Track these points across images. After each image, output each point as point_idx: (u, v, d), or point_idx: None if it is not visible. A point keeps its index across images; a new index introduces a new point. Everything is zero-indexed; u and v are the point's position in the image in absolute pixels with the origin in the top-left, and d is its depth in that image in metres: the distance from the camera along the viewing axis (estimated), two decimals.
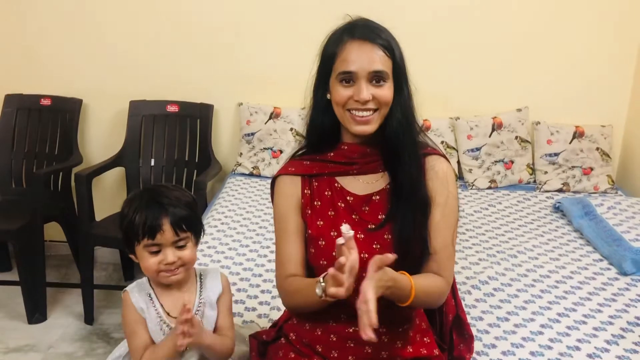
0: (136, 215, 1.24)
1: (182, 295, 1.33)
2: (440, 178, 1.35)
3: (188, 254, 1.29)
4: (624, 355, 1.61)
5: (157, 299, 1.32)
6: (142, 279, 1.37)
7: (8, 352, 2.46)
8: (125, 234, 1.28)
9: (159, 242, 1.24)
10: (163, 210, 1.24)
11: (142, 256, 1.27)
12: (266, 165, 2.98)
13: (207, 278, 1.38)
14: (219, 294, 1.37)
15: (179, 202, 1.27)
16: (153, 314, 1.31)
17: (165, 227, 1.23)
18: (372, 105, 1.28)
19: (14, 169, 3.00)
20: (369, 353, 1.36)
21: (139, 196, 1.28)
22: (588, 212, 2.47)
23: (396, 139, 1.31)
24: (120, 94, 3.02)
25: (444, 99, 2.93)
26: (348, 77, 1.27)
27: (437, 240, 1.35)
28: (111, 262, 3.20)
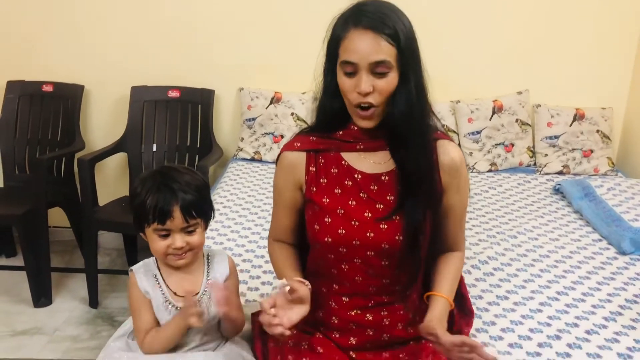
0: (148, 197, 1.24)
1: (189, 277, 1.34)
2: (456, 165, 1.36)
3: (197, 239, 1.29)
4: (621, 332, 1.63)
5: (162, 281, 1.33)
6: (149, 259, 1.38)
7: (15, 335, 2.50)
8: (135, 213, 1.28)
9: (168, 227, 1.25)
10: (174, 196, 1.24)
11: (152, 238, 1.28)
12: (267, 150, 2.99)
13: (214, 260, 1.39)
14: (226, 276, 1.38)
15: (189, 187, 1.27)
16: (158, 295, 1.32)
17: (175, 214, 1.24)
18: (372, 99, 1.25)
19: (17, 156, 3.02)
20: (371, 335, 1.38)
21: (152, 177, 1.28)
22: (588, 194, 2.48)
23: (398, 128, 1.28)
24: (121, 80, 3.03)
25: (444, 82, 2.92)
26: (350, 67, 1.25)
27: (454, 223, 1.42)
28: (114, 247, 3.23)
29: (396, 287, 1.37)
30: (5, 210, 2.68)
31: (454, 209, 1.40)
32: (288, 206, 1.43)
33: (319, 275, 1.42)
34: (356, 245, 1.33)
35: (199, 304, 1.26)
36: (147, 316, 1.33)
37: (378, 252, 1.33)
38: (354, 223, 1.32)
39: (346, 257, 1.34)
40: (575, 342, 1.58)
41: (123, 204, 2.80)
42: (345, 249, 1.34)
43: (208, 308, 1.32)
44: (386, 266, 1.34)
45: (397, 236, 1.31)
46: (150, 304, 1.32)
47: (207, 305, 1.32)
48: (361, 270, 1.35)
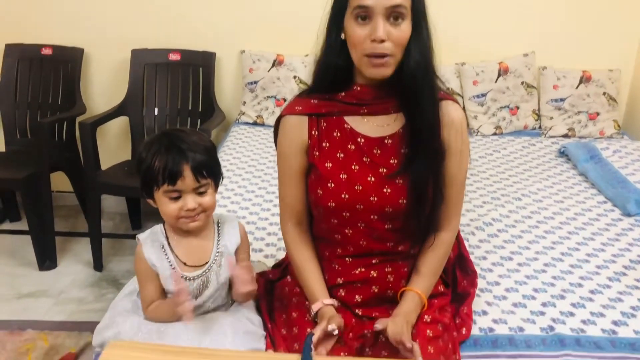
0: (155, 160, 1.21)
1: (199, 243, 1.32)
2: (456, 126, 1.32)
3: (208, 200, 1.26)
4: (625, 291, 1.64)
5: (170, 251, 1.30)
6: (156, 227, 1.33)
7: (21, 298, 2.52)
8: (143, 178, 1.25)
9: (179, 188, 1.22)
10: (183, 156, 1.21)
11: (162, 202, 1.24)
12: (270, 114, 2.96)
13: (224, 226, 1.36)
14: (237, 244, 1.35)
15: (198, 147, 1.24)
16: (166, 266, 1.29)
17: (186, 174, 1.21)
18: (388, 47, 1.21)
19: (18, 120, 3.00)
20: (376, 292, 1.38)
21: (158, 140, 1.24)
22: (593, 156, 2.46)
23: (414, 80, 1.24)
24: (121, 42, 2.98)
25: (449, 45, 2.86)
26: (364, 12, 1.20)
27: (451, 190, 1.35)
28: (118, 212, 3.23)
29: (399, 248, 1.37)
30: (7, 174, 2.68)
31: (452, 174, 1.34)
32: (296, 174, 1.38)
33: (322, 240, 1.42)
34: (360, 210, 1.31)
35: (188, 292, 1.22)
36: (151, 287, 1.31)
37: (382, 216, 1.32)
38: (358, 187, 1.31)
39: (350, 222, 1.34)
40: (579, 301, 1.59)
41: (125, 168, 2.79)
42: (348, 214, 1.33)
43: (217, 276, 1.31)
44: (390, 230, 1.33)
45: (400, 199, 1.30)
46: (156, 275, 1.30)
47: (216, 274, 1.31)
48: (365, 234, 1.34)
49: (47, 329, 2.30)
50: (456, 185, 1.36)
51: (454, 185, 1.36)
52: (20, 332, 2.27)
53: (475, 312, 1.52)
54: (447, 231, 1.39)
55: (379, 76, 1.25)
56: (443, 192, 1.35)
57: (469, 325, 1.45)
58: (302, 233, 1.42)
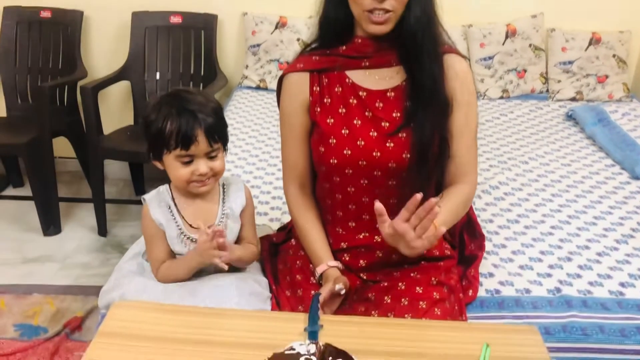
0: (167, 123, 1.18)
1: (205, 205, 1.30)
2: (461, 78, 1.30)
3: (219, 164, 1.24)
4: (632, 253, 1.63)
5: (177, 211, 1.29)
6: (161, 188, 1.32)
7: (26, 262, 2.53)
8: (153, 142, 1.22)
9: (192, 152, 1.20)
10: (196, 120, 1.18)
11: (173, 166, 1.22)
12: (273, 78, 2.92)
13: (230, 189, 1.34)
14: (243, 206, 1.33)
15: (208, 109, 1.21)
16: (173, 226, 1.28)
17: (200, 138, 1.18)
18: (389, 4, 1.19)
19: (19, 84, 2.96)
20: (380, 257, 1.37)
21: (167, 103, 1.21)
22: (602, 119, 2.43)
23: (414, 36, 1.23)
24: (121, 4, 2.92)
25: (456, 6, 2.81)
26: None
27: (460, 143, 1.32)
28: (121, 178, 3.22)
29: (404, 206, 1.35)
30: (9, 139, 2.66)
31: (460, 128, 1.31)
32: (299, 133, 1.36)
33: (325, 203, 1.40)
34: (362, 166, 1.30)
35: (216, 235, 1.20)
36: (161, 246, 1.30)
37: (385, 172, 1.30)
38: (360, 143, 1.29)
39: (352, 179, 1.32)
40: (587, 263, 1.58)
41: (128, 133, 2.77)
42: (351, 170, 1.31)
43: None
44: (393, 186, 1.31)
45: (404, 154, 1.28)
46: (164, 234, 1.29)
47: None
48: (368, 191, 1.32)
49: (53, 293, 2.31)
50: (466, 138, 1.33)
51: (464, 138, 1.33)
52: (27, 296, 2.28)
53: (482, 274, 1.51)
54: (467, 185, 1.35)
55: (379, 32, 1.24)
56: (450, 146, 1.32)
57: (476, 287, 1.45)
58: (305, 196, 1.41)
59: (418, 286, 1.31)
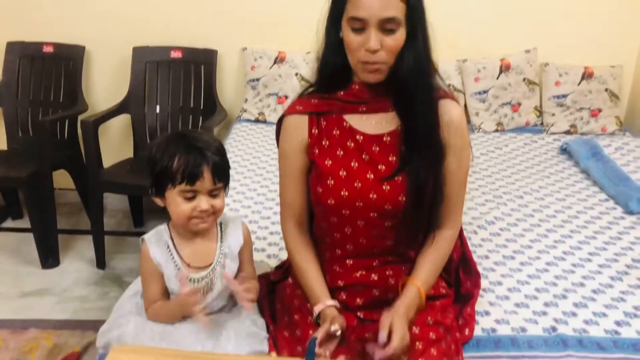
0: (174, 160, 1.21)
1: (203, 245, 1.32)
2: (455, 124, 1.33)
3: (220, 202, 1.27)
4: (627, 291, 1.64)
5: (175, 251, 1.30)
6: (160, 227, 1.34)
7: (24, 296, 2.52)
8: (156, 177, 1.24)
9: (196, 188, 1.22)
10: (204, 157, 1.22)
11: (175, 201, 1.24)
12: (272, 111, 2.96)
13: (228, 227, 1.36)
14: (241, 245, 1.35)
15: (213, 148, 1.25)
16: (171, 266, 1.30)
17: (205, 175, 1.22)
18: (381, 56, 1.23)
19: (20, 118, 3.00)
20: (377, 295, 1.38)
21: (174, 141, 1.25)
22: (595, 153, 2.46)
23: (407, 85, 1.27)
24: (123, 40, 2.98)
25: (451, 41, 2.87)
26: (358, 24, 1.22)
27: (451, 188, 1.36)
28: (120, 209, 3.23)
29: (399, 247, 1.37)
30: (10, 172, 2.68)
31: (453, 173, 1.35)
32: (297, 173, 1.39)
33: (322, 241, 1.42)
34: (359, 207, 1.32)
35: (197, 292, 1.23)
36: (155, 288, 1.32)
37: (381, 213, 1.32)
38: (357, 184, 1.32)
39: (349, 219, 1.34)
40: (582, 301, 1.59)
41: (128, 166, 2.79)
42: (348, 211, 1.33)
43: (221, 277, 1.31)
44: (389, 227, 1.34)
45: (400, 197, 1.30)
46: (161, 275, 1.30)
47: (220, 275, 1.31)
48: (364, 232, 1.34)
49: (50, 327, 2.30)
50: (456, 183, 1.37)
51: (454, 183, 1.36)
52: (24, 331, 2.28)
53: (478, 312, 1.52)
54: (449, 228, 1.40)
55: (373, 81, 1.28)
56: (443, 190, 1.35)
57: (472, 326, 1.46)
58: (302, 234, 1.43)
59: (414, 326, 1.32)
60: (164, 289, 1.33)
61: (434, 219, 1.37)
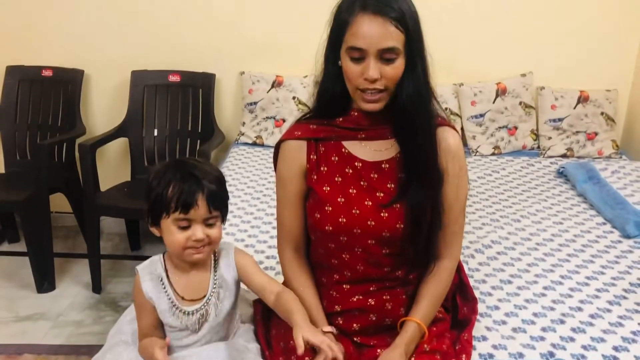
0: (169, 187, 1.19)
1: (197, 277, 1.29)
2: (452, 152, 1.34)
3: (216, 232, 1.24)
4: (625, 315, 1.63)
5: (169, 284, 1.28)
6: (155, 258, 1.32)
7: (19, 321, 2.51)
8: (152, 206, 1.22)
9: (191, 217, 1.20)
10: (199, 185, 1.19)
11: (170, 230, 1.22)
12: (269, 135, 2.97)
13: (220, 257, 1.33)
14: (235, 278, 1.32)
15: (211, 177, 1.22)
16: (164, 299, 1.28)
17: (200, 203, 1.19)
18: (380, 85, 1.23)
19: (18, 141, 3.01)
20: (374, 320, 1.38)
21: (171, 169, 1.22)
22: (592, 177, 2.47)
23: (406, 113, 1.27)
24: (121, 64, 3.00)
25: (447, 65, 2.90)
26: (357, 54, 1.22)
27: (450, 215, 1.36)
28: (117, 232, 3.22)
29: (397, 274, 1.37)
30: (7, 195, 2.68)
31: (451, 200, 1.35)
32: (295, 199, 1.39)
33: (319, 266, 1.42)
34: (357, 234, 1.32)
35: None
36: (147, 321, 1.30)
37: (379, 241, 1.32)
38: (355, 211, 1.32)
39: (347, 246, 1.34)
40: (580, 326, 1.58)
41: (125, 189, 2.79)
42: (345, 238, 1.33)
43: (216, 308, 1.30)
44: (387, 255, 1.34)
45: (398, 224, 1.30)
46: (153, 308, 1.28)
47: (215, 306, 1.30)
48: (362, 259, 1.34)
49: (44, 352, 2.28)
50: (454, 211, 1.37)
51: (452, 211, 1.36)
52: (18, 357, 2.25)
53: (475, 337, 1.51)
54: (449, 259, 1.39)
55: (372, 110, 1.28)
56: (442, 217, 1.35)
57: (469, 352, 1.44)
58: (299, 259, 1.42)
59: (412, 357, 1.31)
60: (157, 321, 1.30)
61: (433, 247, 1.37)
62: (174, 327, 1.29)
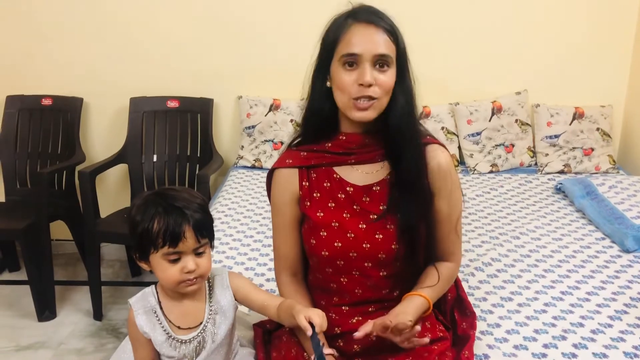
0: (154, 222, 1.17)
1: (191, 305, 1.28)
2: (443, 170, 1.35)
3: (205, 262, 1.22)
4: (627, 330, 1.62)
5: (163, 316, 1.27)
6: (147, 290, 1.30)
7: (20, 350, 2.50)
8: (139, 242, 1.19)
9: (180, 249, 1.18)
10: (184, 216, 1.17)
11: (161, 266, 1.20)
12: (268, 158, 2.99)
13: (215, 284, 1.31)
14: (231, 300, 1.30)
15: (194, 205, 1.20)
16: (159, 332, 1.27)
17: (187, 234, 1.17)
18: (375, 91, 1.26)
19: (18, 170, 3.03)
20: (374, 341, 1.37)
21: (152, 202, 1.19)
22: (589, 192, 2.47)
23: (399, 126, 1.30)
24: (120, 91, 3.04)
25: (443, 85, 2.94)
26: (352, 59, 1.25)
27: (445, 229, 1.38)
28: (117, 259, 3.23)
29: (394, 294, 1.38)
30: (7, 224, 2.69)
31: (445, 215, 1.37)
32: (289, 225, 1.40)
33: (318, 290, 1.42)
34: (353, 257, 1.33)
35: None
36: (142, 353, 1.29)
37: (375, 263, 1.33)
38: (350, 235, 1.33)
39: (344, 270, 1.35)
40: (581, 342, 1.57)
41: (125, 215, 2.80)
42: (342, 262, 1.34)
43: (213, 335, 1.29)
44: (384, 277, 1.35)
45: (393, 244, 1.32)
46: (148, 341, 1.27)
47: (211, 333, 1.29)
48: (360, 283, 1.35)
49: None
50: (451, 223, 1.39)
51: (449, 223, 1.39)
52: None
53: (477, 355, 1.50)
54: (451, 262, 1.42)
55: (364, 119, 1.29)
56: (437, 232, 1.37)
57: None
58: (297, 283, 1.43)
59: None
60: (153, 353, 1.29)
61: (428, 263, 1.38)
62: (172, 357, 1.28)
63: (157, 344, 1.27)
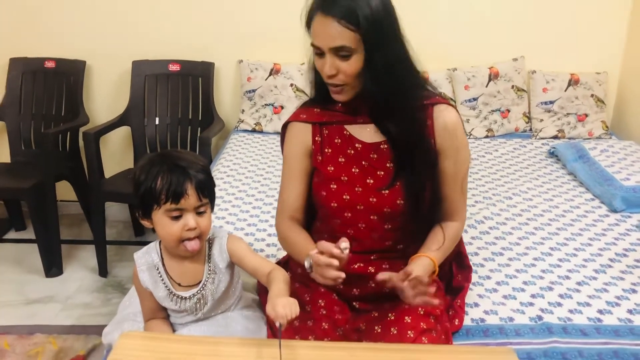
0: (157, 180, 1.21)
1: (191, 265, 1.34)
2: (449, 129, 1.38)
3: (206, 221, 1.27)
4: (610, 282, 1.71)
5: (165, 272, 1.33)
6: (151, 245, 1.36)
7: (29, 303, 2.59)
8: (142, 199, 1.24)
9: (182, 206, 1.22)
10: (187, 175, 1.22)
11: (162, 222, 1.24)
12: (268, 122, 3.04)
13: (214, 245, 1.36)
14: (227, 261, 1.35)
15: (197, 166, 1.25)
16: (161, 287, 1.33)
17: (190, 192, 1.22)
18: (339, 79, 1.31)
19: (23, 131, 3.08)
20: (373, 287, 1.45)
21: (157, 162, 1.24)
22: (582, 156, 2.54)
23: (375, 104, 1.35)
24: (122, 54, 3.07)
25: (440, 51, 2.97)
26: (317, 50, 1.31)
27: (451, 187, 1.43)
28: (121, 219, 3.30)
29: (398, 247, 1.45)
30: (13, 183, 2.75)
31: (450, 174, 1.42)
32: (299, 175, 1.46)
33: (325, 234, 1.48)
34: (360, 210, 1.40)
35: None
36: (148, 304, 1.37)
37: (381, 216, 1.40)
38: (358, 189, 1.40)
39: (351, 222, 1.42)
40: (567, 292, 1.66)
41: (129, 176, 2.86)
42: (350, 214, 1.41)
43: (213, 294, 1.35)
44: (389, 230, 1.41)
45: (398, 200, 1.38)
46: (151, 294, 1.34)
47: (211, 291, 1.35)
48: (365, 235, 1.42)
49: (55, 332, 2.36)
50: (456, 181, 1.43)
51: (455, 182, 1.43)
52: (29, 336, 2.34)
53: (468, 304, 1.59)
54: (455, 221, 1.46)
55: (339, 100, 1.37)
56: (442, 190, 1.42)
57: (462, 317, 1.53)
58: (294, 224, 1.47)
59: (407, 316, 1.39)
60: (158, 305, 1.37)
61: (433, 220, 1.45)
62: (174, 310, 1.36)
63: (158, 298, 1.34)
